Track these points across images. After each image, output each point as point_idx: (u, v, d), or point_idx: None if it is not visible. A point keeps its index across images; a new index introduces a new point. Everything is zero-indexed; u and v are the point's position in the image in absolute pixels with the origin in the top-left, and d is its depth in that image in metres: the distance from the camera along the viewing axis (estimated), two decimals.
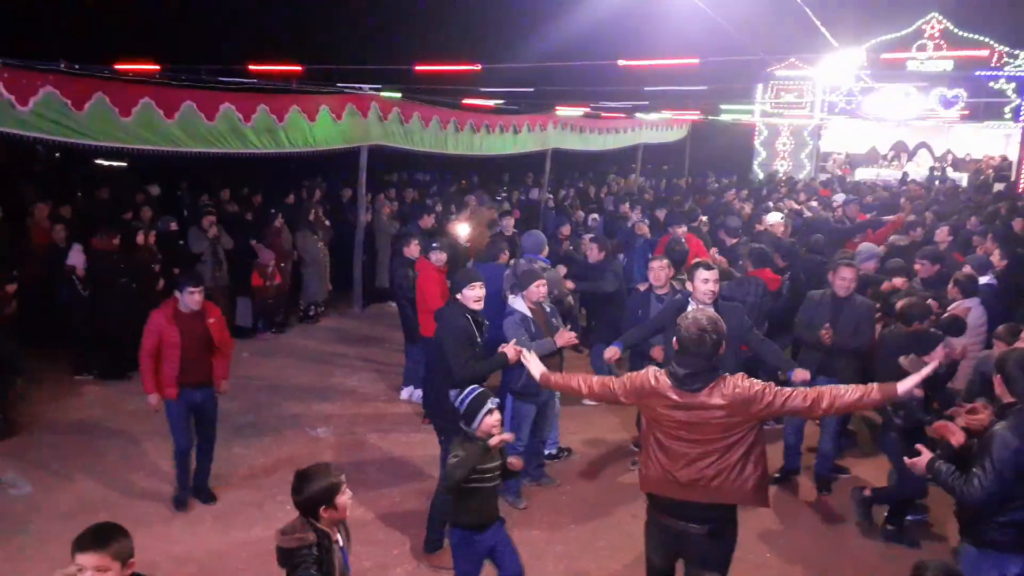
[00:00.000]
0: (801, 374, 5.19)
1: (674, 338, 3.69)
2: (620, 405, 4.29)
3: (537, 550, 5.14)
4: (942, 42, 21.09)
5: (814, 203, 14.68)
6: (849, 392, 3.51)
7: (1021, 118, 20.59)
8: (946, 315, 6.11)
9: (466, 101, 13.32)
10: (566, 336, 5.56)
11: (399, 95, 11.98)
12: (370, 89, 11.36)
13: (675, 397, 3.56)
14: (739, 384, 3.52)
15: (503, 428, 4.22)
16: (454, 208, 12.64)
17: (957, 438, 3.81)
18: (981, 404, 4.24)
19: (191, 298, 5.39)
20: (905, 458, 4.04)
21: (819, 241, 9.28)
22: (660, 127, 20.35)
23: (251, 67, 10.03)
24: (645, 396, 3.67)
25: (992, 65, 20.68)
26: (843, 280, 5.98)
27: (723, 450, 3.54)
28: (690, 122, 21.11)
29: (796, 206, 13.76)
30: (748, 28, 13.86)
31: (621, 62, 10.52)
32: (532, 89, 13.75)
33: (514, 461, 4.34)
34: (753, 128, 23.97)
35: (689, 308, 5.08)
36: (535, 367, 4.18)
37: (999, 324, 5.58)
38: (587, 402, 7.02)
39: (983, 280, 6.86)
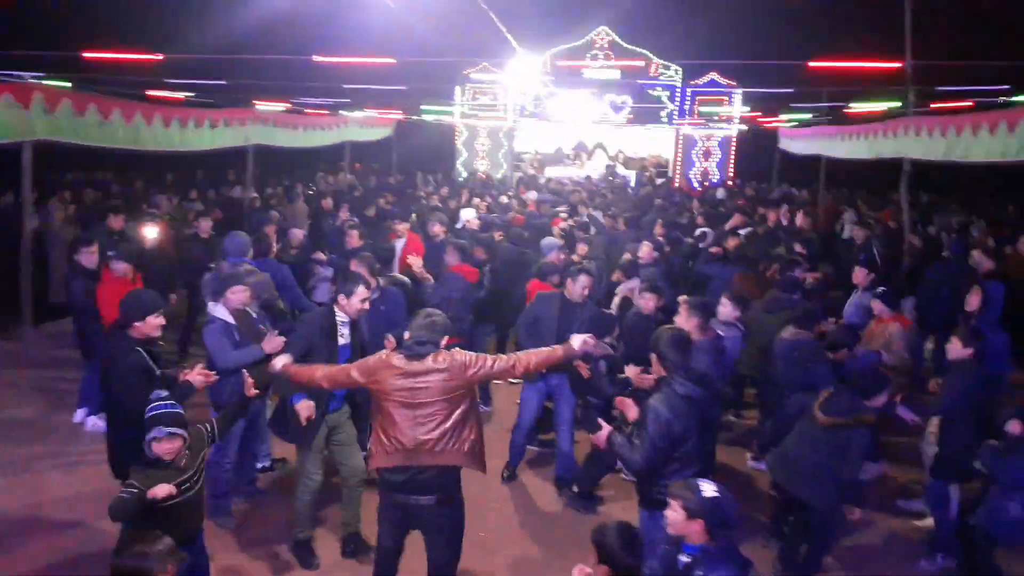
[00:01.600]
0: None
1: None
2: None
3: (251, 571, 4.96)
4: (610, 53, 23.81)
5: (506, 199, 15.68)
6: (541, 352, 4.21)
7: (674, 122, 24.01)
8: (617, 298, 7.03)
9: (151, 92, 12.19)
10: (274, 341, 5.33)
11: (69, 84, 10.61)
12: (32, 78, 9.90)
13: (402, 366, 3.92)
14: (456, 353, 4.03)
15: (184, 454, 3.93)
16: (146, 208, 11.51)
17: (631, 413, 4.33)
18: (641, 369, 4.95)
19: None
20: (590, 434, 4.57)
21: (520, 234, 10.04)
22: (365, 125, 20.41)
23: None
24: (379, 371, 3.98)
25: (650, 75, 23.84)
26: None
27: (444, 414, 3.94)
28: (393, 121, 21.42)
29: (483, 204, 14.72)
30: (443, 32, 14.47)
31: (316, 58, 10.40)
32: (224, 81, 13.00)
33: None
34: (454, 128, 25.04)
35: (338, 319, 4.98)
36: (278, 361, 4.43)
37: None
38: None
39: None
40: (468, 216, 10.53)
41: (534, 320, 6.10)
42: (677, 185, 22.66)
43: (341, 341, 4.97)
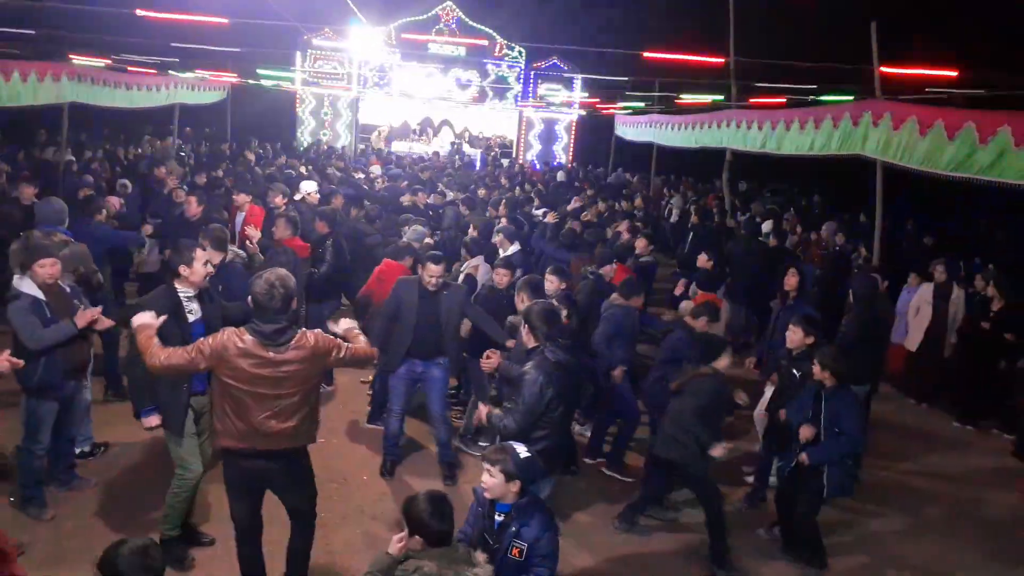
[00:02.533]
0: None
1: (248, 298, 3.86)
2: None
3: (68, 561, 4.62)
4: (456, 29, 23.78)
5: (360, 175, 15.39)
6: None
7: (518, 103, 24.43)
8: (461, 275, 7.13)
9: None
10: (87, 315, 4.91)
11: None
12: None
13: (259, 352, 3.71)
14: (319, 337, 3.87)
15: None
16: None
17: (489, 365, 4.82)
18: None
19: None
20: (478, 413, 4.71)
21: (372, 210, 9.84)
22: (197, 87, 19.11)
23: None
24: (228, 356, 3.71)
25: (495, 55, 24.07)
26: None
27: (301, 401, 3.87)
28: (228, 84, 20.24)
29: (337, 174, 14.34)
30: None
31: (140, 12, 9.59)
32: (33, 32, 11.70)
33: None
34: (295, 95, 24.04)
35: (181, 294, 4.52)
36: (139, 317, 3.98)
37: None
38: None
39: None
40: (309, 188, 10.18)
41: (396, 306, 5.93)
42: (520, 164, 23.13)
43: (191, 318, 4.52)
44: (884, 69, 9.52)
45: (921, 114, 8.15)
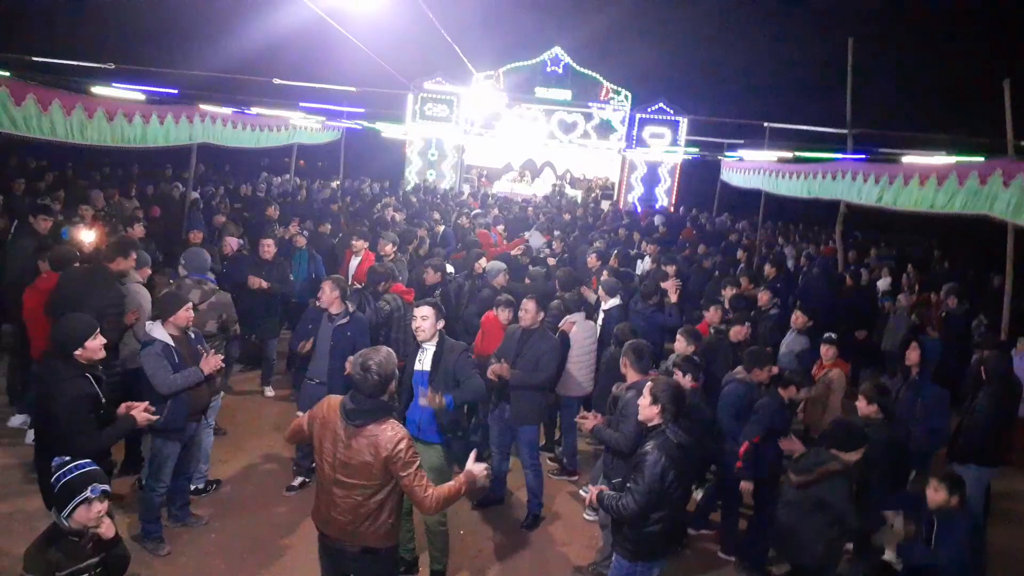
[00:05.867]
0: None
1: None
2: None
3: None
4: (563, 74, 24.10)
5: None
6: (447, 485, 3.78)
7: (621, 145, 24.43)
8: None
9: (98, 91, 11.74)
10: (212, 363, 5.23)
11: (7, 73, 10.17)
12: None
13: (337, 429, 3.66)
14: (397, 442, 3.58)
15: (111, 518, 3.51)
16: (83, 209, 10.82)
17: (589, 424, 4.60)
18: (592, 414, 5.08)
19: None
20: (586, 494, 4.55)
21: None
22: (314, 129, 20.12)
23: None
24: (318, 424, 3.75)
25: (601, 98, 24.22)
26: (525, 312, 6.19)
27: (365, 499, 3.65)
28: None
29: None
30: (397, 44, 14.43)
31: (277, 81, 10.26)
32: (176, 91, 12.70)
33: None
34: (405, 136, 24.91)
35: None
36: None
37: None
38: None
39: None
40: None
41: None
42: (621, 207, 23.03)
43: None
44: None
45: None
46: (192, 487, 5.99)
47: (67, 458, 3.49)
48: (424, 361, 5.14)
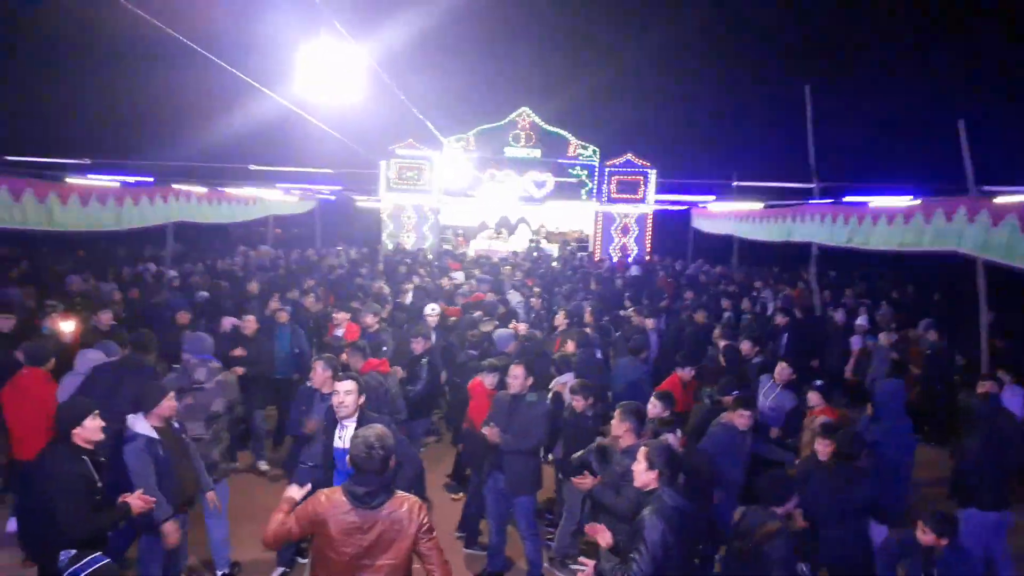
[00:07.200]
0: None
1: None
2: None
3: None
4: (531, 133, 24.54)
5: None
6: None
7: (592, 199, 24.76)
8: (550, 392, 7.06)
9: (73, 180, 11.78)
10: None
11: None
12: None
13: (352, 517, 3.59)
14: (414, 508, 3.65)
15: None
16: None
17: (604, 539, 4.39)
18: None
19: None
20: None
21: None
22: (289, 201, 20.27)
23: None
24: (322, 519, 3.62)
25: (569, 155, 24.65)
26: (514, 378, 6.12)
27: (394, 568, 3.65)
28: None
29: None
30: (369, 120, 14.66)
31: (252, 166, 10.39)
32: (152, 180, 12.85)
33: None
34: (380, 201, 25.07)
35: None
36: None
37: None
38: None
39: None
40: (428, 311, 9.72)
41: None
42: (599, 259, 23.22)
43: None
44: None
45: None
46: (220, 573, 5.97)
47: (73, 551, 3.40)
48: (344, 439, 4.95)
